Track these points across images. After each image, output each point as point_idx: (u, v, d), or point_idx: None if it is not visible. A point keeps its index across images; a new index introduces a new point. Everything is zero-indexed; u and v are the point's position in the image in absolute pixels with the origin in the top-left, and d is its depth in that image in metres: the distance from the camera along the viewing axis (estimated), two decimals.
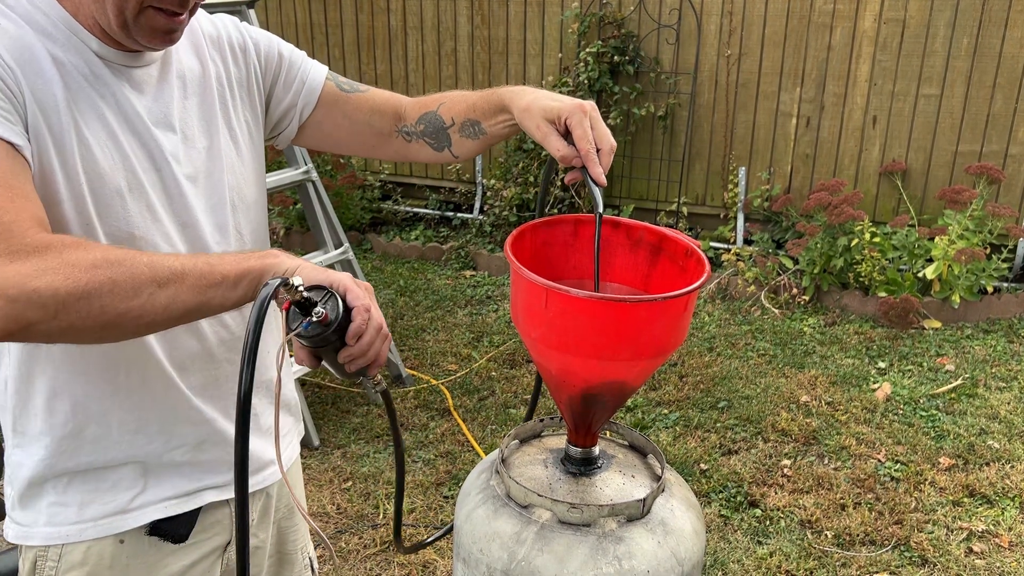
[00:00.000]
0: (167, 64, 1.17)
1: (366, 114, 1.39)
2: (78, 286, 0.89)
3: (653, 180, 5.49)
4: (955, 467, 3.17)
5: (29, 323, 0.88)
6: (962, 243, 4.36)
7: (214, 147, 1.21)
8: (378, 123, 1.39)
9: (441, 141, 1.38)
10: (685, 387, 3.77)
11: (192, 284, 0.95)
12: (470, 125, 1.35)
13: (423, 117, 1.38)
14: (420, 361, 4.06)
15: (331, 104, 1.38)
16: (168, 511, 1.23)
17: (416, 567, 2.70)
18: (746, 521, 2.90)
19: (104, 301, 0.90)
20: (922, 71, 4.78)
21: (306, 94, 1.36)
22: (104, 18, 1.05)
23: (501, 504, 1.14)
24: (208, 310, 0.98)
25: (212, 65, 1.24)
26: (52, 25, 1.05)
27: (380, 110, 1.39)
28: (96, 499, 1.19)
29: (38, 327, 0.88)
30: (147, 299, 0.92)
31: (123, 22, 1.04)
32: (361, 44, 6.04)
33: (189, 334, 1.20)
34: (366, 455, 3.29)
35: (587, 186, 1.14)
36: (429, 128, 1.38)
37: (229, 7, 3.34)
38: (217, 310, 0.99)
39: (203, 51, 1.23)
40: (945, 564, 2.68)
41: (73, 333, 0.91)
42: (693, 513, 1.18)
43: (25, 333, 0.89)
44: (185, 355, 1.21)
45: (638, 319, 1.03)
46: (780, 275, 4.70)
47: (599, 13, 5.27)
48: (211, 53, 1.24)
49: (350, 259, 3.67)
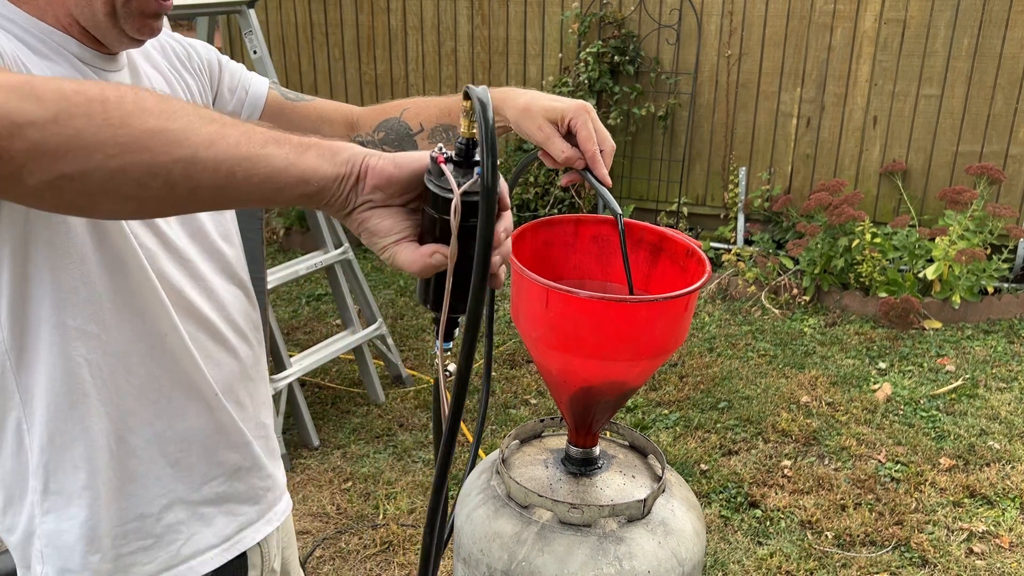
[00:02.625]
0: (136, 73, 1.10)
1: (314, 123, 1.30)
2: (88, 87, 0.68)
3: (653, 180, 5.48)
4: (955, 468, 3.17)
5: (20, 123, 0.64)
6: (962, 243, 4.35)
7: None
8: (328, 132, 1.29)
9: (405, 148, 1.29)
10: (685, 387, 3.77)
11: (243, 131, 0.73)
12: (443, 131, 1.27)
13: (382, 124, 1.30)
14: (420, 361, 4.06)
15: (276, 114, 1.29)
16: (216, 560, 1.14)
17: (416, 567, 2.70)
18: (746, 522, 2.90)
19: (127, 108, 0.68)
20: (923, 71, 4.78)
21: (250, 104, 1.28)
22: (87, 10, 0.96)
23: (501, 504, 1.14)
24: (263, 169, 0.72)
25: (174, 77, 1.17)
26: (32, 36, 0.96)
27: (329, 119, 1.31)
28: (142, 558, 1.08)
29: (28, 134, 0.64)
30: (186, 124, 0.70)
31: (111, 9, 0.97)
32: (361, 44, 6.03)
33: (224, 350, 1.13)
34: (366, 455, 3.29)
35: (594, 188, 1.12)
36: (391, 136, 1.30)
37: (229, 7, 3.33)
38: (277, 178, 0.73)
39: (159, 64, 1.17)
40: (945, 565, 2.68)
41: (81, 154, 0.66)
42: (694, 513, 1.18)
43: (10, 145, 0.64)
44: (226, 372, 1.13)
45: (638, 319, 1.03)
46: (780, 275, 4.70)
47: (599, 13, 5.27)
48: (168, 66, 1.18)
49: (350, 259, 3.67)
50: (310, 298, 4.82)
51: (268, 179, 0.73)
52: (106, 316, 0.99)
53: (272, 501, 1.25)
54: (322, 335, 4.19)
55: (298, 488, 3.09)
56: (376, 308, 3.76)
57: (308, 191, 0.75)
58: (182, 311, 1.06)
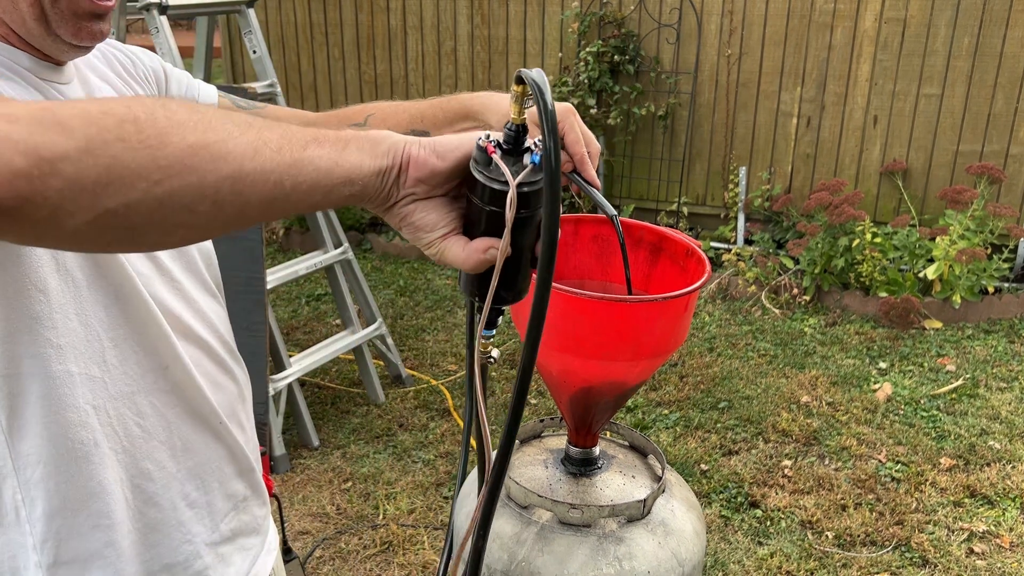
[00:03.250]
0: (86, 83, 1.00)
1: None
2: (112, 105, 0.60)
3: (653, 180, 5.48)
4: (956, 468, 3.17)
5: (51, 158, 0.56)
6: (963, 243, 4.35)
7: None
8: None
9: None
10: (685, 387, 3.77)
11: (281, 133, 0.66)
12: (415, 136, 1.23)
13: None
14: (420, 361, 4.06)
15: None
16: None
17: (416, 567, 2.70)
18: (747, 522, 2.90)
19: (160, 124, 0.60)
20: (923, 71, 4.77)
21: None
22: (16, 16, 0.86)
23: (501, 505, 1.13)
24: (311, 175, 0.66)
25: (123, 86, 1.08)
26: None
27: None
28: None
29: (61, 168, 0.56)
30: (225, 133, 0.63)
31: (40, 12, 0.86)
32: (361, 44, 6.03)
33: (223, 372, 1.06)
34: (366, 455, 3.29)
35: (584, 191, 1.12)
36: None
37: (229, 7, 3.33)
38: (324, 182, 0.67)
39: (106, 74, 1.07)
40: (946, 565, 2.68)
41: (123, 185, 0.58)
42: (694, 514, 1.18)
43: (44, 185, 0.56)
44: (229, 395, 1.06)
45: (638, 319, 1.03)
46: (781, 275, 4.70)
47: (599, 12, 5.27)
48: (115, 75, 1.09)
49: (350, 259, 3.67)
50: (310, 298, 4.82)
51: (316, 185, 0.66)
52: (107, 355, 0.90)
53: (267, 528, 1.18)
54: (322, 335, 4.19)
55: (298, 488, 3.09)
56: (376, 308, 3.76)
57: (353, 191, 0.69)
58: (182, 336, 0.98)
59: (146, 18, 3.04)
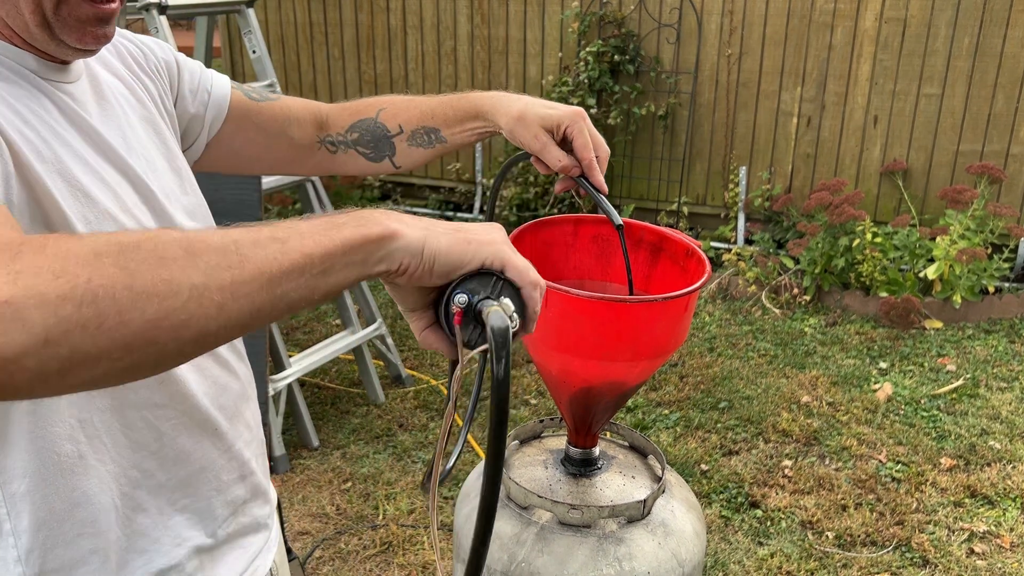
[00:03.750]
0: (96, 81, 0.99)
1: (282, 124, 1.21)
2: (70, 278, 0.57)
3: (653, 180, 5.48)
4: (956, 468, 3.17)
5: (12, 357, 0.55)
6: (963, 243, 4.35)
7: (172, 168, 1.06)
8: (297, 134, 1.23)
9: (382, 150, 1.23)
10: (686, 387, 3.76)
11: (255, 271, 0.63)
12: (424, 133, 1.21)
13: (357, 125, 1.23)
14: (420, 361, 4.06)
15: (242, 116, 1.19)
16: None
17: (416, 568, 2.70)
18: (747, 522, 2.90)
19: (122, 302, 0.58)
20: (923, 70, 4.77)
21: (214, 106, 1.17)
22: (19, 19, 0.85)
23: (501, 505, 1.13)
24: (277, 310, 0.66)
25: (133, 81, 1.07)
26: None
27: (298, 119, 1.23)
28: None
29: (24, 364, 0.56)
30: (188, 297, 0.60)
31: (42, 19, 0.85)
32: (361, 44, 6.03)
33: (227, 372, 1.02)
34: (366, 456, 3.29)
35: (591, 196, 1.12)
36: (366, 136, 1.23)
37: (228, 7, 3.33)
38: (295, 304, 0.66)
39: (118, 69, 1.06)
40: (946, 565, 2.68)
41: (86, 368, 0.58)
42: (694, 514, 1.18)
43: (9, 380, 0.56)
44: (233, 396, 1.03)
45: (638, 319, 1.03)
46: (781, 275, 4.70)
47: (599, 12, 5.27)
48: (126, 70, 1.08)
49: None
50: None
51: (291, 308, 0.67)
52: None
53: (271, 524, 1.16)
54: (322, 335, 4.19)
55: (298, 488, 3.09)
56: (376, 308, 3.76)
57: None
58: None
59: (145, 18, 3.04)
